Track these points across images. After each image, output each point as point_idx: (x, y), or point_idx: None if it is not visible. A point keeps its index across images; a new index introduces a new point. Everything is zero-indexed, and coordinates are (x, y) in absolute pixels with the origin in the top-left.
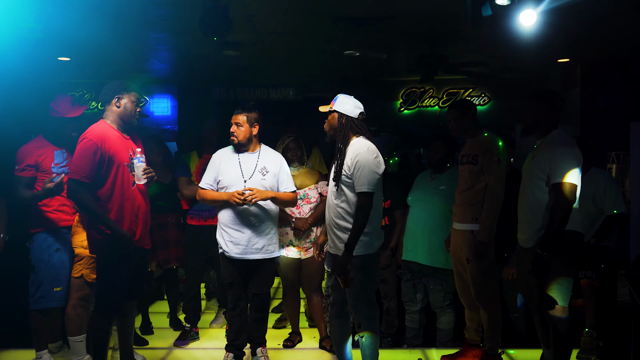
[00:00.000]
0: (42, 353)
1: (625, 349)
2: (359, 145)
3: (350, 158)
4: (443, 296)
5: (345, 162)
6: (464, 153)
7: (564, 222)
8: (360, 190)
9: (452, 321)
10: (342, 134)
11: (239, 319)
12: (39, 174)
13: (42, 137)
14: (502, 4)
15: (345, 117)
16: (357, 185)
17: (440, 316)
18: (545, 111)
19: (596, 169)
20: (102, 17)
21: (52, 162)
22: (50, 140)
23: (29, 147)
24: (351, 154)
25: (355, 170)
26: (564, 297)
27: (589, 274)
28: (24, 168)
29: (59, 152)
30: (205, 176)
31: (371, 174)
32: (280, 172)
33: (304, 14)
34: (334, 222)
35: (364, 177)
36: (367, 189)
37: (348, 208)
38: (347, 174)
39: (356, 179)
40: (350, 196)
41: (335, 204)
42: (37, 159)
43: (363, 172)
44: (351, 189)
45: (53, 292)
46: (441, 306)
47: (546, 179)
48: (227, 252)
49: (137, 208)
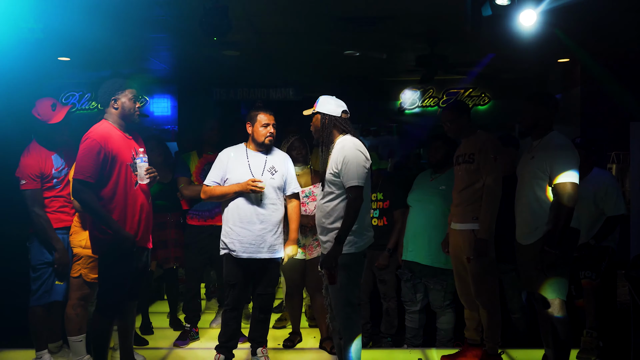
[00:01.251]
0: (42, 353)
1: (625, 349)
2: (345, 142)
3: (336, 155)
4: (443, 296)
5: (332, 160)
6: (460, 153)
7: (569, 220)
8: (350, 184)
9: (452, 321)
10: (326, 133)
11: (235, 322)
12: (45, 184)
13: (36, 143)
14: (502, 4)
15: (329, 117)
16: (346, 180)
17: (440, 316)
18: (541, 113)
19: (598, 169)
20: (102, 17)
21: (53, 168)
22: (44, 145)
23: (29, 159)
24: (338, 151)
25: (342, 166)
26: (561, 291)
27: (588, 274)
28: (30, 181)
29: (55, 155)
30: (212, 174)
31: (359, 168)
32: (288, 172)
33: (304, 14)
34: (321, 221)
35: (352, 171)
36: (357, 183)
37: (335, 207)
38: (334, 172)
39: (345, 175)
40: (336, 194)
41: (321, 203)
42: (40, 169)
43: (351, 166)
44: (338, 186)
45: (56, 286)
46: (441, 306)
47: (547, 179)
48: (234, 252)
49: (139, 208)
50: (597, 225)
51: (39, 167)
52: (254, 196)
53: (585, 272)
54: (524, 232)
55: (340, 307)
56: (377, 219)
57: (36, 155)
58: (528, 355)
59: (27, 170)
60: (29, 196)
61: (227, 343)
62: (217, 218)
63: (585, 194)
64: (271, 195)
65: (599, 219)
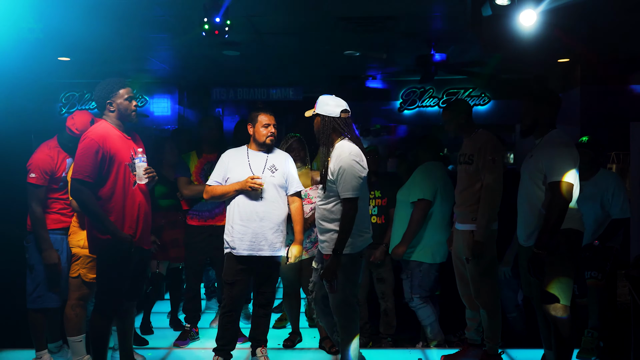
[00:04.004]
0: (42, 353)
1: (625, 349)
2: (341, 150)
3: (333, 164)
4: (410, 288)
5: (330, 167)
6: (461, 153)
7: (560, 221)
8: (344, 196)
9: (430, 315)
10: (325, 135)
11: (233, 325)
12: (52, 184)
13: (57, 141)
14: (502, 4)
15: (327, 118)
16: (341, 192)
17: (416, 311)
18: (542, 111)
19: (605, 170)
20: (102, 17)
21: (64, 172)
22: (63, 147)
23: (46, 154)
24: (334, 160)
25: (338, 176)
26: (565, 296)
27: (594, 274)
28: (39, 176)
29: (70, 159)
30: (214, 174)
31: (354, 180)
32: (289, 172)
33: (304, 14)
34: (319, 222)
35: (347, 182)
36: (352, 195)
37: (331, 209)
38: (331, 179)
39: (340, 185)
40: (333, 200)
41: (319, 205)
42: (52, 167)
43: (346, 177)
44: (335, 193)
45: (50, 293)
46: (410, 299)
47: (543, 177)
48: (235, 250)
49: (138, 208)
50: (602, 227)
51: (52, 165)
52: (254, 194)
53: (592, 273)
54: (525, 233)
55: (338, 307)
56: (376, 217)
57: (55, 153)
58: (528, 355)
59: (40, 164)
60: (31, 190)
61: (226, 346)
62: (217, 218)
63: (592, 195)
64: (271, 193)
65: (605, 221)
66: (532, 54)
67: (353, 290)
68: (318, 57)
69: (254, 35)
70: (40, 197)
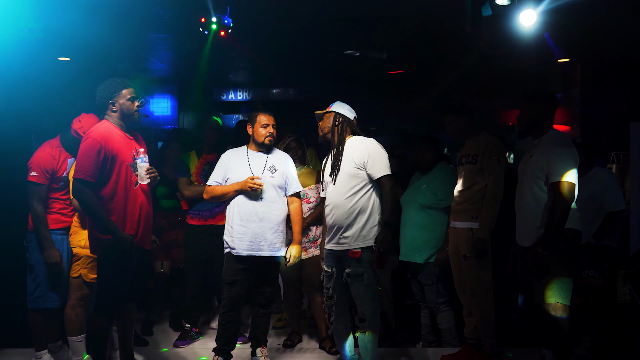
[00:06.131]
0: (42, 353)
1: (625, 349)
2: (361, 140)
3: (360, 150)
4: (436, 291)
5: (351, 156)
6: (463, 154)
7: (563, 221)
8: (382, 174)
9: (450, 319)
10: (338, 131)
11: (232, 325)
12: (52, 184)
13: (59, 141)
14: (502, 4)
15: (343, 116)
16: (377, 172)
17: (436, 314)
18: (539, 111)
19: (599, 168)
20: (102, 17)
21: (65, 171)
22: (65, 147)
23: (47, 153)
24: (360, 148)
25: (369, 159)
26: (565, 295)
27: (592, 273)
28: (40, 175)
29: (72, 160)
30: (214, 174)
31: (386, 159)
32: (289, 172)
33: (304, 14)
34: (342, 219)
35: (381, 161)
36: (389, 171)
37: (357, 200)
38: (357, 165)
39: (374, 167)
40: (358, 188)
41: (342, 200)
42: (53, 167)
43: (379, 157)
44: (361, 179)
45: (51, 293)
46: (435, 303)
47: (544, 178)
48: (235, 250)
49: (139, 208)
50: (596, 223)
51: (54, 165)
52: (253, 194)
53: (589, 272)
54: (524, 233)
55: (368, 301)
56: None
57: (56, 152)
58: (528, 355)
59: (41, 163)
60: (32, 189)
61: (225, 347)
62: (217, 218)
63: (585, 192)
64: (271, 193)
65: (598, 216)
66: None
67: (379, 284)
68: (318, 57)
69: (254, 35)
70: (41, 195)
